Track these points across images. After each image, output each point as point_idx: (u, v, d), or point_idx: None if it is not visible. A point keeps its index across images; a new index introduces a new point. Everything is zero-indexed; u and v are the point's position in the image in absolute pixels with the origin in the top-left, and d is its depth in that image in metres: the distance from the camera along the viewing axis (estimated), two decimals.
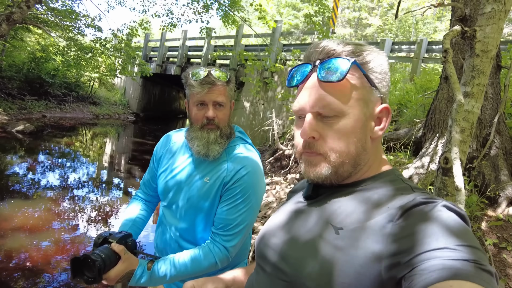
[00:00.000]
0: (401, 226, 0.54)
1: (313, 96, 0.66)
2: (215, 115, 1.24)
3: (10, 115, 10.54)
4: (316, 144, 0.66)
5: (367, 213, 0.60)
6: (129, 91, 17.54)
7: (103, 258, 1.03)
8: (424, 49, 7.99)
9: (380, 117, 0.69)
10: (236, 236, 1.23)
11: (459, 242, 0.48)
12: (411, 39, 23.00)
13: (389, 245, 0.53)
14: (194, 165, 1.31)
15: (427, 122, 3.47)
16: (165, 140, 1.47)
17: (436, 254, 0.47)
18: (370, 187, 0.66)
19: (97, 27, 10.99)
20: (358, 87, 0.66)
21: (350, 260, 0.56)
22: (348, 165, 0.66)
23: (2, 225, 3.76)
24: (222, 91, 1.25)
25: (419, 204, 0.56)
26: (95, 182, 6.23)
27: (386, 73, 0.68)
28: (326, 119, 0.66)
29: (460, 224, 0.52)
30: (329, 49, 0.67)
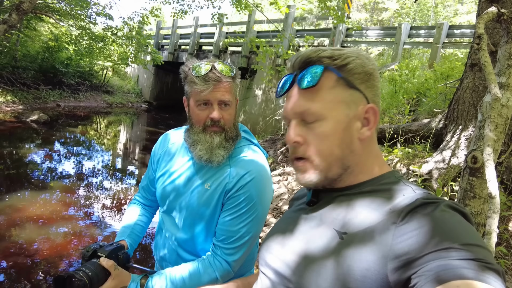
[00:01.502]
0: (405, 227, 0.54)
1: (293, 103, 0.69)
2: (221, 116, 1.10)
3: (25, 105, 10.68)
4: (301, 149, 0.68)
5: (370, 216, 0.60)
6: (142, 80, 17.56)
7: (89, 275, 0.94)
8: (445, 33, 7.62)
9: (367, 117, 0.68)
10: (239, 250, 1.11)
11: (464, 242, 0.48)
12: (429, 23, 22.11)
13: (394, 247, 0.53)
14: (194, 170, 1.18)
15: (449, 113, 3.26)
16: (163, 140, 1.33)
17: (442, 255, 0.47)
18: (371, 190, 0.66)
19: (108, 16, 10.93)
20: (336, 90, 0.66)
21: (356, 264, 0.56)
22: (336, 167, 0.67)
23: (20, 213, 3.82)
24: (228, 88, 1.09)
25: (422, 205, 0.56)
26: (109, 171, 6.26)
27: (370, 73, 0.68)
28: (309, 124, 0.67)
29: (464, 223, 0.53)
30: (306, 57, 0.68)
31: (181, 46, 15.12)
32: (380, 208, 0.60)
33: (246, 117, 10.52)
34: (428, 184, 2.87)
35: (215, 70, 1.07)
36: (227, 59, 12.08)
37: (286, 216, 0.80)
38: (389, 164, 3.40)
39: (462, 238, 0.49)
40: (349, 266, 0.56)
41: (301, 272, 0.63)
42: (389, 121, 4.42)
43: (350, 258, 0.57)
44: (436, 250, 0.48)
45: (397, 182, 0.66)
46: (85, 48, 11.56)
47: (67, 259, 3.07)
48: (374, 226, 0.58)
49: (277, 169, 6.71)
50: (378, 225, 0.58)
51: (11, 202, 4.11)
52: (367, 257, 0.55)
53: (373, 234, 0.57)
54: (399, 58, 8.08)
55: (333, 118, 0.66)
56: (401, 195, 0.61)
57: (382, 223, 0.57)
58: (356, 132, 0.67)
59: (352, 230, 0.60)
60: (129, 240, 1.24)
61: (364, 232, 0.58)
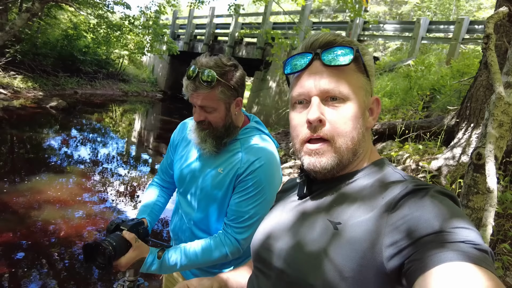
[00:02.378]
0: (397, 215, 0.55)
1: (319, 80, 0.67)
2: (203, 118, 1.18)
3: (45, 91, 10.97)
4: (323, 129, 0.65)
5: (363, 205, 0.61)
6: (157, 69, 17.73)
7: (114, 245, 1.04)
8: (465, 29, 7.44)
9: (372, 108, 0.71)
10: (248, 229, 1.20)
11: (454, 225, 0.49)
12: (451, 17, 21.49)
13: (388, 235, 0.54)
14: (209, 155, 1.27)
15: (462, 111, 3.24)
16: (181, 128, 1.44)
17: (433, 238, 0.49)
18: (363, 179, 0.67)
19: (125, 5, 11.05)
20: (360, 75, 0.68)
21: (351, 254, 0.56)
22: (351, 152, 0.67)
23: (39, 196, 3.98)
24: (207, 95, 1.14)
25: (412, 192, 0.57)
26: (124, 158, 6.43)
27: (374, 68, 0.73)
28: (332, 103, 0.66)
29: (453, 207, 0.53)
30: (330, 38, 0.69)
31: (197, 36, 15.16)
32: (372, 197, 0.61)
33: (259, 108, 10.56)
34: (436, 181, 2.89)
35: (197, 78, 1.12)
36: (242, 50, 12.09)
37: (278, 210, 0.79)
38: (398, 159, 3.41)
39: (452, 221, 0.50)
40: (345, 256, 0.57)
41: (297, 264, 0.63)
42: (402, 117, 4.41)
43: (346, 248, 0.57)
44: (428, 234, 0.49)
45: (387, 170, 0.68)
46: (102, 36, 11.74)
47: (82, 241, 3.22)
48: (367, 215, 0.58)
49: (288, 162, 6.77)
50: (371, 213, 0.58)
51: (31, 184, 4.30)
52: (362, 246, 0.56)
53: (367, 223, 0.57)
54: (416, 54, 7.95)
55: (357, 101, 0.66)
56: (392, 183, 0.62)
57: (375, 212, 0.58)
58: (366, 120, 0.70)
59: (345, 220, 0.61)
60: (148, 218, 1.34)
61: (357, 221, 0.59)
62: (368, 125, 0.70)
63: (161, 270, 1.16)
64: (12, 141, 6.24)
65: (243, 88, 1.23)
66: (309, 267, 0.60)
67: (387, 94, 5.78)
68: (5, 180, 4.33)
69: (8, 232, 3.16)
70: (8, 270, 2.67)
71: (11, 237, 3.10)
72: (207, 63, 1.13)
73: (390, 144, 3.85)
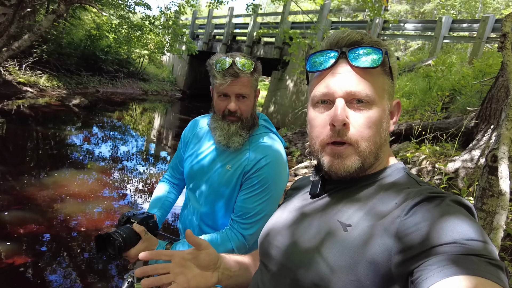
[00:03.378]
0: (409, 221, 0.53)
1: (345, 80, 0.64)
2: (237, 108, 1.21)
3: (68, 90, 11.34)
4: (348, 133, 0.63)
5: (375, 209, 0.60)
6: (177, 69, 18.00)
7: (124, 237, 1.08)
8: (490, 27, 7.19)
9: (392, 111, 0.69)
10: (254, 225, 1.23)
11: (468, 237, 0.48)
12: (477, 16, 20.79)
13: (398, 241, 0.53)
14: (217, 152, 1.31)
15: (482, 112, 3.15)
16: (192, 125, 1.47)
17: (445, 249, 0.47)
18: (378, 182, 0.65)
19: (146, 5, 11.28)
20: (386, 78, 0.67)
21: (359, 256, 0.55)
22: (373, 156, 0.65)
23: (61, 190, 4.14)
24: (245, 82, 1.20)
25: (426, 199, 0.55)
26: (143, 155, 6.58)
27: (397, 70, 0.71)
28: (358, 105, 0.64)
29: (468, 218, 0.51)
30: (357, 37, 0.66)
31: (216, 36, 15.30)
32: (384, 201, 0.60)
33: (276, 108, 10.56)
34: (453, 183, 2.83)
35: (234, 65, 1.17)
36: (260, 50, 12.11)
37: (288, 207, 0.78)
38: (414, 161, 3.35)
39: (466, 233, 0.48)
40: (353, 259, 0.56)
41: (303, 263, 0.62)
42: (419, 118, 4.33)
43: (354, 251, 0.56)
44: (440, 244, 0.48)
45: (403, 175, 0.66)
46: (124, 36, 12.01)
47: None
48: (379, 219, 0.57)
49: (304, 162, 6.75)
50: (382, 219, 0.57)
51: (54, 179, 4.47)
52: (371, 250, 0.55)
53: (378, 227, 0.56)
54: (437, 53, 7.76)
55: (381, 105, 0.65)
56: (406, 188, 0.61)
57: (387, 217, 0.57)
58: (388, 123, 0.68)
59: (356, 222, 0.60)
60: (158, 213, 1.39)
61: (368, 225, 0.58)
62: (389, 129, 0.69)
63: None
64: (38, 137, 6.50)
65: None
66: (315, 267, 0.60)
67: (406, 94, 5.67)
68: (31, 174, 4.52)
69: (32, 223, 3.30)
70: (31, 261, 2.79)
71: (35, 229, 3.23)
72: (235, 54, 1.20)
73: (407, 145, 3.78)
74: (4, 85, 9.41)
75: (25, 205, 3.63)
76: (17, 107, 8.28)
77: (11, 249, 2.88)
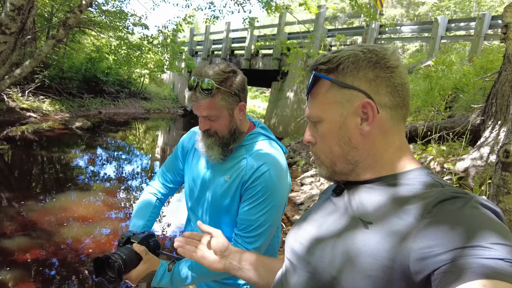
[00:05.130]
0: (431, 220, 0.53)
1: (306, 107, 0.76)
2: (208, 127, 1.19)
3: (71, 113, 11.45)
4: (313, 148, 0.76)
5: (397, 207, 0.60)
6: (178, 86, 18.17)
7: (123, 258, 1.03)
8: (487, 25, 7.21)
9: (365, 112, 0.68)
10: (259, 238, 1.16)
11: (493, 240, 0.46)
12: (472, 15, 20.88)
13: (419, 239, 0.52)
14: (217, 163, 1.25)
15: (487, 108, 3.10)
16: (191, 135, 1.43)
17: (469, 252, 0.46)
18: (398, 183, 0.65)
19: (144, 25, 11.46)
20: (329, 92, 0.70)
21: (379, 254, 0.56)
22: (340, 163, 0.71)
23: (67, 214, 4.11)
24: (208, 104, 1.13)
25: (450, 199, 0.54)
26: (148, 173, 6.57)
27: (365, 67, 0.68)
28: (315, 124, 0.74)
29: (494, 221, 0.50)
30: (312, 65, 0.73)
31: (214, 51, 15.46)
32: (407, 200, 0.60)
33: (278, 118, 10.56)
34: (464, 183, 2.76)
35: (197, 88, 1.12)
36: (258, 62, 12.20)
37: (314, 206, 0.82)
38: (422, 162, 3.29)
39: (491, 236, 0.47)
40: (372, 256, 0.56)
41: (323, 257, 0.64)
42: (423, 119, 4.27)
43: (374, 248, 0.57)
44: (463, 247, 0.47)
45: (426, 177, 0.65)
46: (123, 57, 12.18)
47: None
48: (400, 217, 0.57)
49: (309, 171, 6.68)
50: (403, 216, 0.57)
51: (60, 203, 4.44)
52: (391, 248, 0.55)
53: (398, 225, 0.56)
54: (436, 54, 7.75)
55: (328, 119, 0.71)
56: (429, 188, 0.60)
57: (408, 215, 0.57)
58: (355, 128, 0.68)
59: (378, 220, 0.60)
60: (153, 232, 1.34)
61: (388, 222, 0.58)
62: (361, 132, 0.68)
63: (172, 283, 1.14)
64: (42, 162, 6.51)
65: (244, 92, 1.22)
66: (334, 262, 0.61)
67: None
68: (36, 199, 4.50)
69: (39, 249, 3.26)
70: (41, 287, 2.74)
71: (42, 254, 3.19)
72: (206, 72, 1.14)
73: (413, 147, 3.72)
74: (7, 112, 9.51)
75: (32, 230, 3.60)
76: (21, 132, 8.34)
77: (19, 276, 2.84)
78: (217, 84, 1.13)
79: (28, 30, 8.87)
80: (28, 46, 9.75)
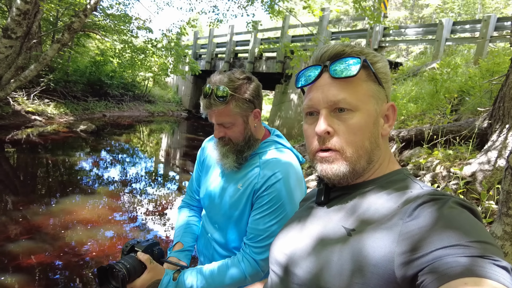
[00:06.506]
0: (411, 224, 0.54)
1: (326, 92, 0.68)
2: (222, 135, 1.19)
3: (75, 116, 11.51)
4: (331, 140, 0.68)
5: (378, 213, 0.61)
6: (181, 89, 18.22)
7: (127, 268, 1.02)
8: (493, 27, 7.16)
9: (387, 115, 0.71)
10: (267, 249, 1.11)
11: (472, 239, 0.48)
12: (476, 17, 20.77)
13: (401, 243, 0.53)
14: (231, 172, 1.25)
15: (494, 111, 3.06)
16: (204, 145, 1.44)
17: (449, 252, 0.47)
18: (380, 188, 0.66)
19: (148, 29, 11.52)
20: (369, 84, 0.69)
21: (363, 260, 0.56)
22: (364, 160, 0.68)
23: (72, 216, 4.12)
24: (222, 111, 1.14)
25: (429, 201, 0.55)
26: (152, 177, 6.57)
27: (389, 74, 0.72)
28: (341, 114, 0.67)
29: (472, 220, 0.52)
30: (339, 50, 0.70)
31: (218, 54, 15.50)
32: (387, 205, 0.61)
33: (281, 121, 10.54)
34: (471, 187, 2.72)
35: (211, 95, 1.12)
36: (262, 65, 12.21)
37: (296, 216, 0.81)
38: (428, 166, 3.25)
39: (470, 235, 0.48)
40: (357, 263, 0.57)
41: (309, 268, 0.64)
42: (429, 122, 4.23)
43: (358, 255, 0.57)
44: (444, 247, 0.48)
45: (405, 179, 0.67)
46: (127, 60, 12.23)
47: (113, 260, 3.27)
48: (382, 223, 0.58)
49: (314, 173, 6.65)
50: (385, 222, 0.58)
51: (64, 206, 4.45)
52: (374, 253, 0.55)
53: (380, 231, 0.57)
54: (440, 56, 7.70)
55: (366, 110, 0.68)
56: (409, 192, 0.61)
57: (389, 220, 0.57)
58: (380, 127, 0.70)
59: (360, 227, 0.61)
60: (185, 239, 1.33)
61: (371, 228, 0.59)
62: (383, 133, 0.70)
63: None
64: (47, 165, 6.53)
65: (259, 99, 1.22)
66: (320, 271, 0.61)
67: (412, 99, 5.59)
68: (41, 202, 4.51)
69: (43, 252, 3.26)
70: None
71: (47, 258, 3.19)
72: (221, 79, 1.14)
73: (418, 151, 3.68)
74: (13, 115, 9.57)
75: (36, 234, 3.60)
76: (27, 136, 8.39)
77: (24, 280, 2.84)
78: (231, 91, 1.13)
79: (34, 34, 8.95)
80: (33, 50, 9.82)
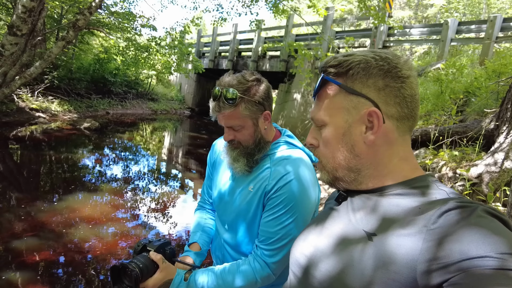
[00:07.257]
0: (437, 231, 0.51)
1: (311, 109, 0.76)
2: (232, 137, 1.17)
3: (79, 113, 11.55)
4: (316, 151, 0.75)
5: (401, 218, 0.58)
6: (185, 87, 18.23)
7: (140, 267, 1.02)
8: (498, 27, 7.10)
9: (371, 121, 0.67)
10: (279, 251, 1.10)
11: (502, 250, 0.45)
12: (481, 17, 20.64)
13: (425, 251, 0.51)
14: (241, 174, 1.23)
15: (502, 113, 3.04)
16: (213, 148, 1.43)
17: (477, 263, 0.45)
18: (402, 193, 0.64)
19: (152, 27, 11.53)
20: (337, 97, 0.69)
21: (384, 266, 0.54)
22: (342, 170, 0.69)
23: (75, 213, 4.13)
24: (231, 114, 1.12)
25: (456, 208, 0.52)
26: (155, 174, 6.59)
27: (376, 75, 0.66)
28: (319, 128, 0.73)
29: (502, 230, 0.49)
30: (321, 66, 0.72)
31: (221, 53, 15.50)
32: (410, 210, 0.58)
33: (285, 120, 10.53)
34: (478, 189, 2.70)
35: (220, 98, 1.10)
36: (265, 64, 12.19)
37: (318, 217, 0.81)
38: (433, 167, 3.24)
39: (499, 246, 0.46)
40: (377, 268, 0.55)
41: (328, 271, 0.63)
42: (434, 123, 4.21)
43: (379, 260, 0.56)
44: (472, 257, 0.46)
45: (430, 185, 0.63)
46: (131, 58, 12.25)
47: (116, 258, 3.28)
48: (404, 229, 0.56)
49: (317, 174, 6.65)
50: (408, 228, 0.56)
51: (68, 203, 4.46)
52: (396, 260, 0.54)
53: (403, 237, 0.55)
54: (445, 57, 7.67)
55: (333, 124, 0.70)
56: (434, 198, 0.59)
57: (413, 227, 0.55)
58: (359, 136, 0.67)
59: (381, 231, 0.59)
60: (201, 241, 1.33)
61: (393, 234, 0.57)
62: (365, 140, 0.67)
63: None
64: (51, 162, 6.56)
65: (269, 101, 1.19)
66: (339, 274, 0.60)
67: None
68: (45, 200, 4.53)
69: (47, 249, 3.28)
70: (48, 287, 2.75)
71: (51, 255, 3.21)
72: (230, 81, 1.12)
73: (424, 151, 3.67)
74: (17, 112, 9.61)
75: (40, 231, 3.62)
76: (30, 133, 8.42)
77: (27, 277, 2.85)
78: (241, 93, 1.11)
79: (39, 32, 8.97)
80: (38, 47, 9.85)
